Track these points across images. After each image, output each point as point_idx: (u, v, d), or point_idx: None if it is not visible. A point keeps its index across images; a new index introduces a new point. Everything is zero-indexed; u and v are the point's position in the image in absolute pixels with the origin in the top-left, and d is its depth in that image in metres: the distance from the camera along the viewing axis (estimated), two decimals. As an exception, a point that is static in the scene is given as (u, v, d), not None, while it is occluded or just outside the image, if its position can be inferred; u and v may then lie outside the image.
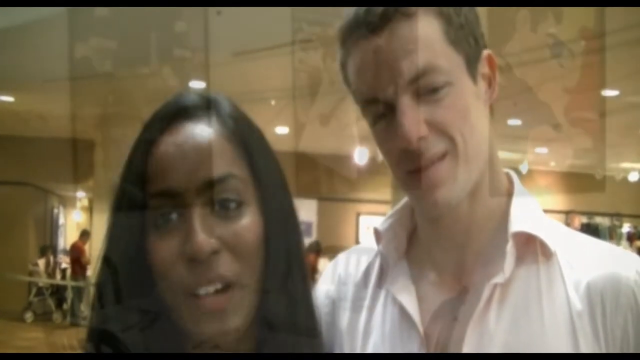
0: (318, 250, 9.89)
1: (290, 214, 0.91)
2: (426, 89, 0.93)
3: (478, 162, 0.99)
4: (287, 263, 0.88)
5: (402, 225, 1.12)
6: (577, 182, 15.21)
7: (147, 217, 0.82)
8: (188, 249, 0.79)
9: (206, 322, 0.80)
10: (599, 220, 16.03)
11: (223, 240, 0.81)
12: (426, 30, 0.94)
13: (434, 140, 0.94)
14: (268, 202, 0.86)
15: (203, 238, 0.79)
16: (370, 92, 0.97)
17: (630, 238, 15.78)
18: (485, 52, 1.01)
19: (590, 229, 14.53)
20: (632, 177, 14.79)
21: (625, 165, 14.31)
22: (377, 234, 1.12)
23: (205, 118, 0.86)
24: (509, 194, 1.05)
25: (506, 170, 1.09)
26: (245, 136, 0.87)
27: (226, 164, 0.83)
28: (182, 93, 0.90)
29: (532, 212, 1.03)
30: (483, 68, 1.01)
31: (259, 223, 0.84)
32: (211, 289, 0.80)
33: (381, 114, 0.97)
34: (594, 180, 13.98)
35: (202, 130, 0.85)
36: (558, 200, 14.98)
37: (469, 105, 0.97)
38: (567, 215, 14.38)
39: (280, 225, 0.87)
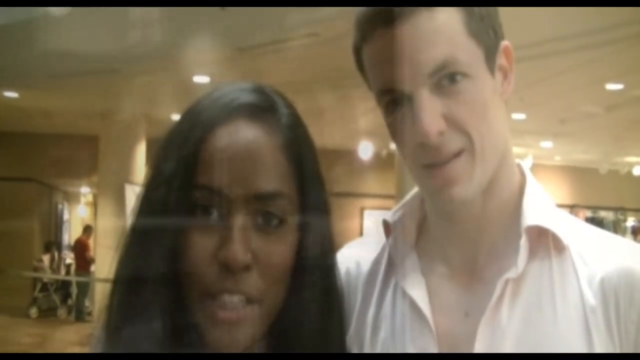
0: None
1: (328, 239, 0.88)
2: (445, 83, 0.91)
3: (494, 159, 0.97)
4: (320, 288, 0.86)
5: (411, 216, 1.10)
6: (581, 176, 15.19)
7: (187, 204, 0.79)
8: (222, 256, 0.77)
9: (219, 330, 0.79)
10: (603, 214, 15.99)
11: (256, 255, 0.79)
12: (447, 21, 0.91)
13: (451, 136, 0.92)
14: (308, 225, 0.84)
15: (240, 250, 0.77)
16: (387, 82, 0.94)
17: (635, 232, 15.74)
18: (503, 44, 0.99)
19: (595, 223, 14.44)
20: (637, 171, 14.75)
21: (630, 159, 14.27)
22: (387, 226, 1.11)
23: (265, 121, 0.83)
24: (521, 187, 1.03)
25: (518, 161, 1.07)
26: (299, 152, 0.84)
27: (277, 180, 0.80)
28: (243, 87, 0.86)
29: (545, 205, 1.02)
30: (500, 60, 0.98)
31: (295, 245, 0.83)
32: (235, 298, 0.78)
33: (397, 105, 0.94)
34: (598, 175, 13.98)
35: (260, 136, 0.81)
36: (563, 195, 14.94)
37: (487, 100, 0.94)
38: (572, 209, 14.34)
39: (316, 250, 0.85)
